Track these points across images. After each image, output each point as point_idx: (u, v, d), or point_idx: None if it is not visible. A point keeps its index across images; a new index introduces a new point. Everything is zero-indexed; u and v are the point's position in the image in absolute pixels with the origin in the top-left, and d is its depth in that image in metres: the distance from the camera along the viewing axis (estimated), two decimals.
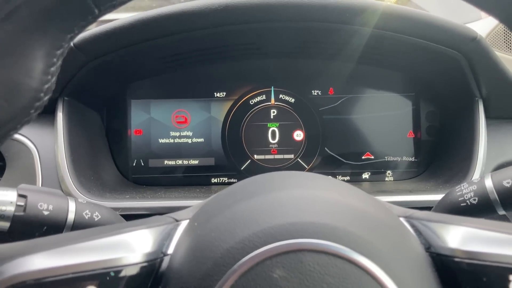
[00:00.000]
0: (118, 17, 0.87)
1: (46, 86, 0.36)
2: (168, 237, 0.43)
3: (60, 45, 0.35)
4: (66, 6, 0.33)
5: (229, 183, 1.15)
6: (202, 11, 0.84)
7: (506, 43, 1.56)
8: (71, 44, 0.84)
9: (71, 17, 0.35)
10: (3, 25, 0.31)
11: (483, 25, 1.66)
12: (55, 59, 0.36)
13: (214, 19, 0.86)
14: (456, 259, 0.38)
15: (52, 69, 0.36)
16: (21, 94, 0.34)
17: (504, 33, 1.56)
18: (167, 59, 1.05)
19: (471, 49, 0.89)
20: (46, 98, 0.36)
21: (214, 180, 1.16)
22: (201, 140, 1.16)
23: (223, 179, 1.16)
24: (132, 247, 0.39)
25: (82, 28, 0.36)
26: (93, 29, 0.85)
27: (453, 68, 0.95)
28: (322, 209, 0.39)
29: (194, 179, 1.15)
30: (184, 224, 0.46)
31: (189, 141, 1.15)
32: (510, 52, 1.56)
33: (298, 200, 0.40)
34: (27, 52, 0.33)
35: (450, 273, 0.39)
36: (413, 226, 0.45)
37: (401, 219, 0.46)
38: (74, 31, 0.36)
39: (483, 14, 1.77)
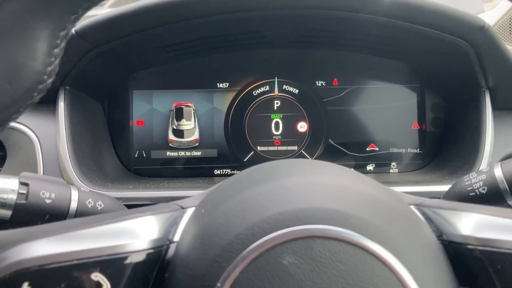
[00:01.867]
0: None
1: (50, 68, 0.35)
2: (174, 224, 0.43)
3: (64, 26, 0.35)
4: None
5: (232, 175, 1.14)
6: None
7: None
8: (73, 31, 0.83)
9: None
10: (6, 5, 0.30)
11: (487, 17, 1.64)
12: (58, 41, 0.35)
13: (217, 6, 0.85)
14: (469, 247, 0.38)
15: (56, 50, 0.35)
16: (24, 76, 0.33)
17: (510, 24, 1.55)
18: (169, 48, 1.03)
19: (478, 38, 0.88)
20: (50, 80, 0.36)
21: (216, 172, 1.15)
22: (204, 131, 1.15)
23: (226, 171, 1.15)
24: (137, 234, 0.39)
25: (86, 9, 0.36)
26: (95, 17, 0.84)
27: (459, 58, 0.94)
28: (332, 195, 0.38)
29: (197, 171, 1.14)
30: (190, 211, 0.45)
31: None
32: None
33: (308, 186, 0.39)
34: (30, 32, 0.32)
35: (463, 260, 0.38)
36: (424, 214, 0.44)
37: (412, 207, 0.45)
38: (78, 12, 0.35)
39: (486, 7, 1.76)
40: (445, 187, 0.78)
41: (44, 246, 0.35)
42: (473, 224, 0.39)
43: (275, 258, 0.34)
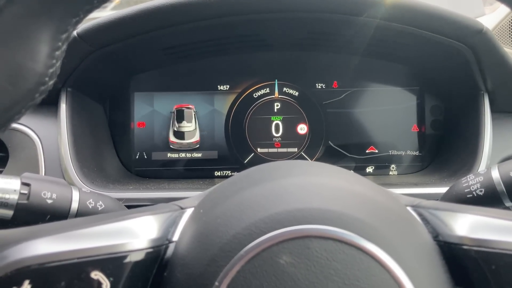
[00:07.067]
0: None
1: (51, 70, 0.35)
2: (173, 224, 0.43)
3: (65, 29, 0.35)
4: None
5: None
6: (206, 1, 0.83)
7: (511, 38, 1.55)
8: (75, 33, 0.84)
9: (77, 0, 0.34)
10: (9, 8, 0.31)
11: (487, 20, 1.65)
12: (60, 43, 0.35)
13: (218, 9, 0.86)
14: (465, 247, 0.38)
15: (57, 53, 0.35)
16: (26, 77, 0.34)
17: (509, 28, 1.55)
18: (170, 50, 1.04)
19: (477, 41, 0.88)
20: (51, 82, 0.36)
21: (217, 173, 1.15)
22: (204, 133, 1.15)
23: (226, 173, 1.16)
24: (137, 233, 0.39)
25: (88, 12, 0.36)
26: (97, 19, 0.85)
27: (459, 61, 0.95)
28: (329, 195, 0.39)
29: (197, 172, 1.15)
30: (189, 211, 0.45)
31: None
32: None
33: (306, 187, 0.40)
34: (33, 35, 0.33)
35: (458, 261, 0.39)
36: (420, 215, 0.44)
37: (408, 208, 0.45)
38: (80, 15, 0.35)
39: (487, 10, 1.76)
40: (443, 189, 0.78)
41: (44, 245, 0.36)
42: (468, 225, 0.40)
43: (272, 258, 0.35)
